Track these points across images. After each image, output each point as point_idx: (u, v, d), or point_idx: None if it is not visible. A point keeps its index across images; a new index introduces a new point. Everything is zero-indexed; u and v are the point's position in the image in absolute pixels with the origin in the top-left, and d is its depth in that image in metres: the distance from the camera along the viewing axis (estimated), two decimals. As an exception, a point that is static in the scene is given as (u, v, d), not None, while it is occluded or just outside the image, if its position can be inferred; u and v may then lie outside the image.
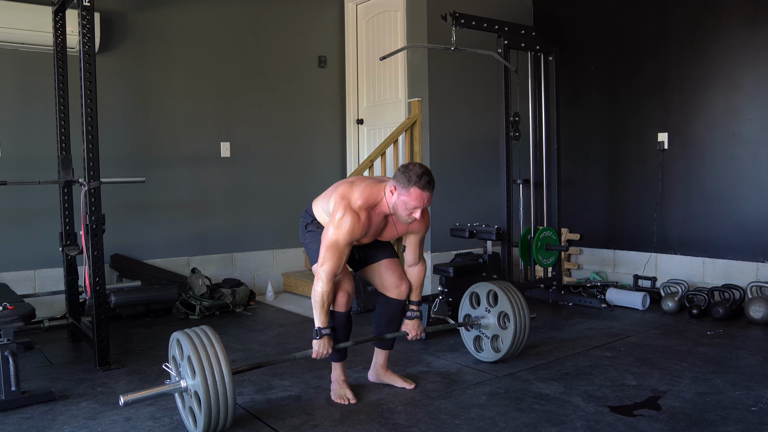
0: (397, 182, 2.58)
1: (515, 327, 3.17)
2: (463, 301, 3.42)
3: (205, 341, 2.40)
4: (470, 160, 5.29)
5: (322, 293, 2.64)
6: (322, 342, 2.68)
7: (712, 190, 4.70)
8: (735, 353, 3.45)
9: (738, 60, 4.53)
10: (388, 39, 5.46)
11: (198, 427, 2.42)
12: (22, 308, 2.84)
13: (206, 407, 2.33)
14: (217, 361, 2.36)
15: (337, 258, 2.61)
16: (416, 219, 2.62)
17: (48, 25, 4.02)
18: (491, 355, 3.31)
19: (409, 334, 2.96)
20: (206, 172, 5.15)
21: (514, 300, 3.20)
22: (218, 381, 2.34)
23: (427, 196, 2.57)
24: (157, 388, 2.48)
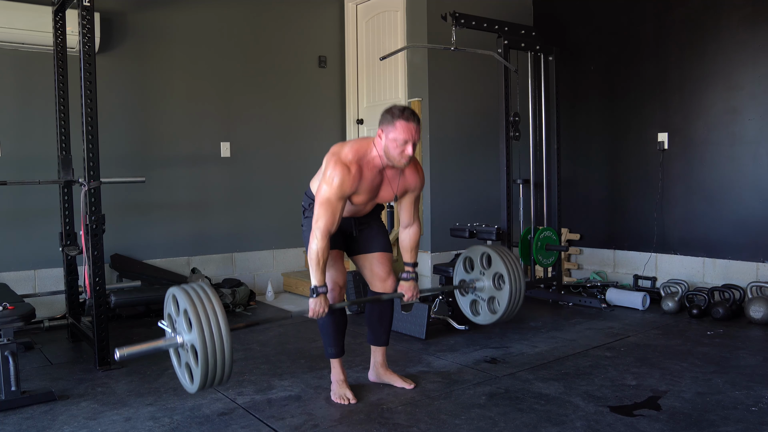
0: (382, 124, 2.60)
1: (511, 287, 3.14)
2: (456, 266, 3.39)
3: (201, 295, 2.35)
4: (470, 160, 5.29)
5: (317, 250, 2.59)
6: (318, 300, 2.63)
7: (712, 190, 4.70)
8: (735, 353, 3.45)
9: (738, 60, 4.53)
10: (388, 39, 5.46)
11: (195, 383, 2.35)
12: (22, 308, 2.84)
13: (203, 360, 2.27)
14: (214, 314, 2.30)
15: (331, 214, 2.59)
16: (410, 156, 2.60)
17: (48, 25, 4.02)
18: (488, 318, 3.28)
19: (405, 295, 2.93)
20: (206, 172, 5.16)
21: (508, 260, 3.17)
22: (215, 333, 2.28)
23: (414, 127, 2.58)
24: (153, 342, 2.42)
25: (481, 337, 3.85)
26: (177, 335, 2.41)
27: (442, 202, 5.09)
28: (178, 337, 2.41)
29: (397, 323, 3.95)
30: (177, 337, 2.41)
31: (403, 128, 2.56)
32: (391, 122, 2.57)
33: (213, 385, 2.36)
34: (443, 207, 5.09)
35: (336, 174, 2.57)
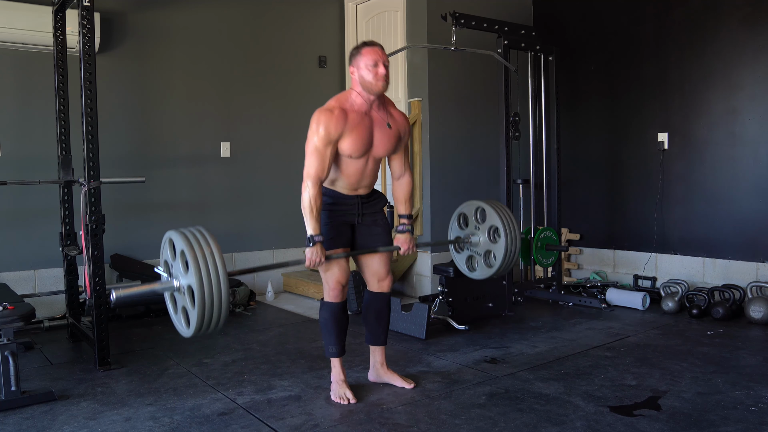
0: (352, 62, 2.71)
1: (506, 238, 3.10)
2: (451, 224, 3.36)
3: (199, 238, 2.32)
4: (470, 160, 5.29)
5: (309, 198, 2.61)
6: (314, 249, 2.63)
7: (712, 190, 4.70)
8: (735, 353, 3.45)
9: (738, 60, 4.53)
10: (388, 39, 5.46)
11: (191, 326, 2.31)
12: (22, 308, 2.84)
13: (200, 300, 2.23)
14: (210, 254, 2.27)
15: (320, 161, 2.62)
16: (384, 75, 2.65)
17: (48, 25, 4.02)
18: (485, 272, 3.25)
19: (401, 248, 2.93)
20: (206, 172, 5.16)
21: (502, 213, 3.15)
22: (212, 273, 2.24)
23: (379, 50, 2.69)
24: (150, 284, 2.39)
25: (481, 337, 3.85)
26: (174, 279, 2.37)
27: (442, 201, 5.09)
28: (175, 281, 2.36)
29: (397, 323, 3.95)
30: (173, 281, 2.37)
31: (370, 51, 2.67)
32: (358, 52, 2.69)
33: (209, 329, 2.31)
34: (443, 207, 5.09)
35: (320, 120, 2.64)
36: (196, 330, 2.29)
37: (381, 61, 2.66)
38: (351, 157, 2.71)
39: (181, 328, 2.40)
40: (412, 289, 5.18)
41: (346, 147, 2.68)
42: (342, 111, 2.66)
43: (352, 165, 2.75)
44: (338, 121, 2.63)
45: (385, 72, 2.66)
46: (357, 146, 2.69)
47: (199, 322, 2.27)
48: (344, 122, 2.65)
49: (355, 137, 2.68)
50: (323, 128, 2.62)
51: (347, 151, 2.69)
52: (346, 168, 2.74)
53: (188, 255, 2.26)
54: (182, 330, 2.39)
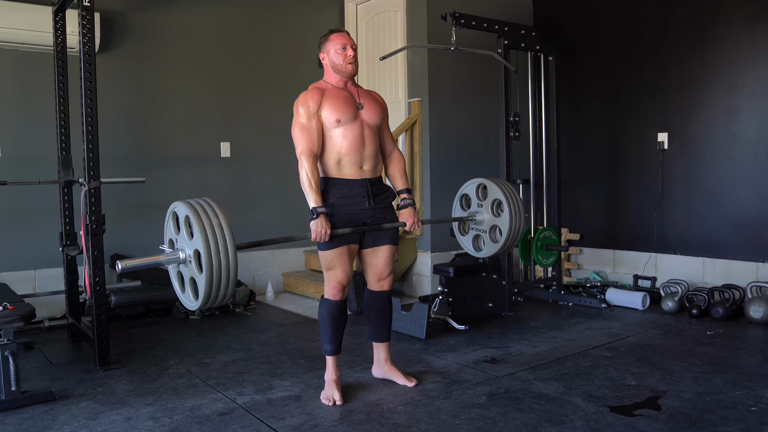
0: (320, 48, 2.85)
1: (510, 210, 3.11)
2: (454, 207, 3.36)
3: (203, 204, 2.31)
4: (470, 160, 5.29)
5: (306, 173, 2.68)
6: (319, 221, 2.65)
7: (712, 190, 4.70)
8: (735, 353, 3.45)
9: (738, 60, 4.53)
10: (388, 39, 5.46)
11: (200, 294, 2.26)
12: (22, 308, 2.84)
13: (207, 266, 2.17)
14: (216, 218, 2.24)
15: (307, 134, 2.72)
16: (353, 57, 2.77)
17: (48, 25, 4.02)
18: (492, 248, 3.25)
19: (407, 222, 2.95)
20: (206, 172, 5.16)
21: (504, 186, 3.14)
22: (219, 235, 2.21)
23: (346, 34, 2.82)
24: (155, 256, 2.37)
25: (481, 337, 3.85)
26: (179, 251, 2.35)
27: (442, 201, 5.08)
28: (180, 253, 2.34)
29: (397, 323, 3.95)
30: (179, 252, 2.35)
31: (338, 36, 2.80)
32: (326, 39, 2.82)
33: (218, 298, 2.26)
34: (443, 207, 5.09)
35: (297, 103, 2.76)
36: (204, 298, 2.23)
37: (349, 44, 2.79)
38: (341, 123, 2.75)
39: (189, 300, 2.36)
40: (412, 289, 5.18)
41: (330, 113, 2.75)
42: (317, 89, 2.80)
43: (350, 133, 2.76)
44: (314, 95, 2.76)
45: (353, 54, 2.78)
46: (341, 108, 2.76)
47: (207, 289, 2.21)
48: (320, 95, 2.77)
49: (335, 102, 2.78)
50: (302, 106, 2.74)
51: (334, 114, 2.75)
52: (345, 137, 2.75)
53: (193, 220, 2.22)
54: (190, 302, 2.35)
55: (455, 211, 3.36)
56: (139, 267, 2.35)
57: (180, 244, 2.36)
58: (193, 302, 2.35)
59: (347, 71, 2.80)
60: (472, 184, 3.27)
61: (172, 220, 2.40)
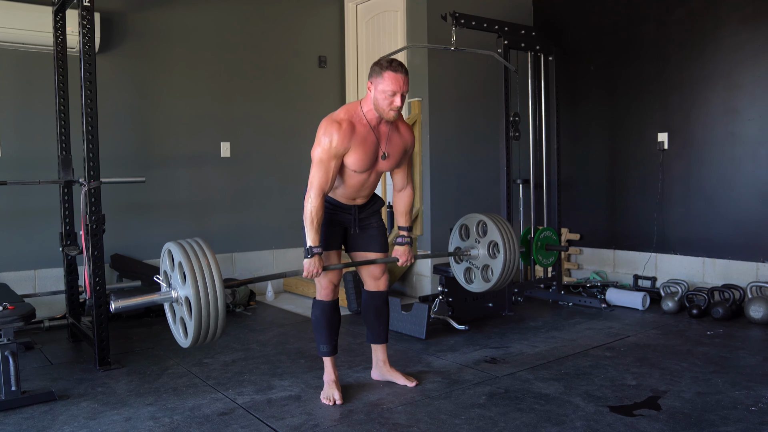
0: (371, 77, 2.63)
1: (505, 256, 3.12)
2: (453, 233, 3.38)
3: (197, 250, 2.34)
4: (470, 160, 5.29)
5: (311, 209, 2.62)
6: (313, 261, 2.64)
7: (712, 190, 4.70)
8: (735, 353, 3.45)
9: (738, 60, 4.53)
10: (388, 39, 5.46)
11: (189, 336, 2.35)
12: (22, 308, 2.84)
13: (197, 313, 2.27)
14: (208, 267, 2.30)
15: (324, 173, 2.63)
16: (398, 107, 2.61)
17: (48, 25, 4.02)
18: (482, 285, 3.28)
19: (400, 260, 2.95)
20: (206, 172, 5.15)
21: (504, 229, 3.16)
22: (209, 287, 2.27)
23: (402, 78, 2.59)
24: (148, 295, 2.41)
25: (481, 337, 3.85)
26: (172, 290, 2.40)
27: (442, 201, 5.09)
28: (173, 292, 2.39)
29: (397, 323, 3.95)
30: (172, 291, 2.40)
31: (392, 79, 2.58)
32: (379, 74, 2.60)
33: (206, 340, 2.34)
34: (443, 207, 5.09)
35: (327, 133, 2.62)
36: (193, 341, 2.33)
37: (400, 92, 2.59)
38: (355, 171, 2.73)
39: (180, 337, 2.44)
40: (412, 289, 5.18)
41: (351, 162, 2.69)
42: (350, 125, 2.64)
43: (355, 177, 2.76)
44: (345, 136, 2.62)
45: (400, 104, 2.61)
46: (362, 162, 2.70)
47: (196, 333, 2.31)
48: (351, 137, 2.64)
49: (361, 153, 2.68)
50: (330, 141, 2.61)
51: (352, 166, 2.70)
52: (349, 179, 2.76)
53: (185, 267, 2.29)
54: (180, 340, 2.44)
55: (453, 238, 3.39)
56: (133, 307, 2.41)
57: (173, 281, 2.42)
58: (183, 340, 2.43)
59: (388, 117, 2.66)
60: (473, 218, 3.29)
61: (167, 256, 2.46)
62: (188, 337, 2.36)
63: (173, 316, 2.48)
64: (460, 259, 3.34)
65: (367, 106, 2.68)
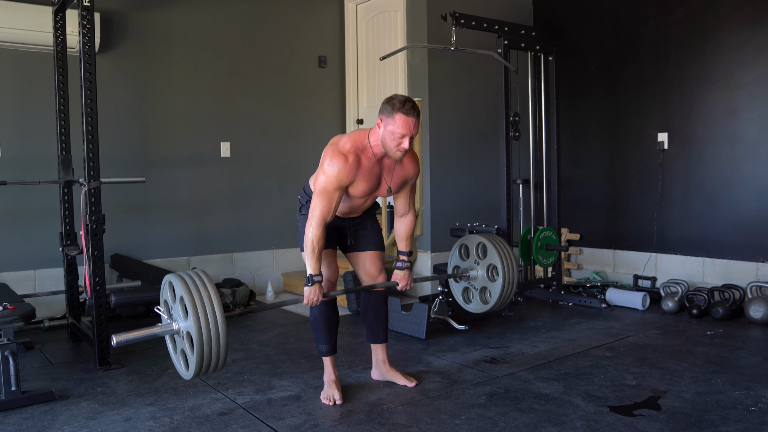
0: (382, 114, 2.60)
1: (504, 280, 3.15)
2: (452, 252, 3.40)
3: (198, 283, 2.36)
4: (470, 160, 5.29)
5: (312, 239, 2.61)
6: (313, 289, 2.65)
7: (712, 190, 4.70)
8: (735, 353, 3.45)
9: (738, 60, 4.53)
10: (388, 39, 5.46)
11: (190, 369, 2.37)
12: (22, 308, 2.84)
13: (198, 347, 2.29)
14: (209, 301, 2.32)
15: (327, 203, 2.61)
16: (406, 150, 2.61)
17: (48, 25, 4.02)
18: (479, 307, 3.31)
19: (399, 284, 2.96)
20: (206, 172, 5.15)
21: (503, 253, 3.18)
22: (211, 321, 2.29)
23: (413, 122, 2.57)
24: (149, 329, 2.42)
25: (481, 337, 3.85)
26: (173, 322, 2.41)
27: (442, 201, 5.09)
28: (174, 324, 2.40)
29: (397, 323, 3.95)
30: (173, 323, 2.41)
31: (402, 122, 2.56)
32: (390, 114, 2.57)
33: (208, 372, 2.37)
34: (443, 207, 5.09)
35: (334, 164, 2.59)
36: (195, 374, 2.36)
37: (409, 135, 2.58)
38: (355, 197, 2.75)
39: (181, 369, 2.46)
40: (412, 289, 5.18)
41: (354, 191, 2.70)
42: (356, 158, 2.63)
43: (355, 201, 2.79)
44: (351, 170, 2.61)
45: (408, 147, 2.60)
46: (364, 191, 2.73)
47: (198, 367, 2.33)
48: (356, 170, 2.64)
49: (364, 184, 2.69)
50: (337, 173, 2.58)
51: (353, 193, 2.72)
52: (347, 201, 2.78)
53: (187, 301, 2.31)
54: (182, 372, 2.46)
55: (453, 257, 3.41)
56: (135, 340, 2.42)
57: (174, 313, 2.43)
58: (184, 372, 2.45)
59: (394, 157, 2.66)
60: (473, 239, 3.30)
61: (168, 287, 2.47)
62: (190, 370, 2.38)
63: (174, 347, 2.51)
64: (458, 278, 3.37)
65: (374, 140, 2.66)
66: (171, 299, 2.45)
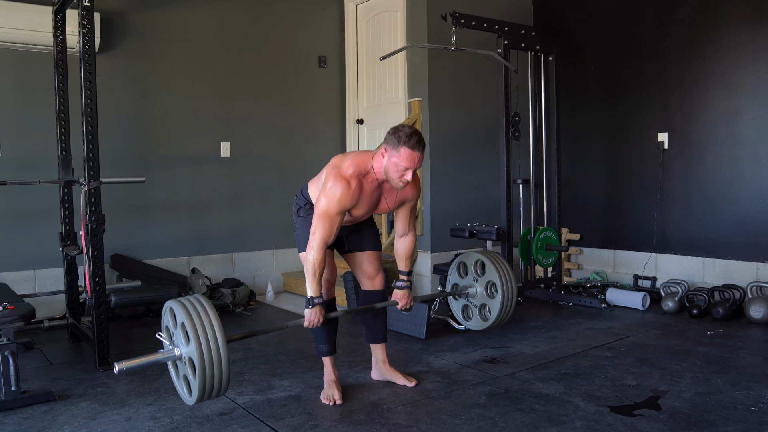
0: (387, 144, 2.59)
1: (503, 296, 3.17)
2: (451, 270, 3.41)
3: (198, 309, 2.38)
4: (470, 160, 5.29)
5: (314, 262, 2.62)
6: (314, 311, 2.66)
7: (712, 190, 4.70)
8: (735, 353, 3.45)
9: (738, 60, 4.53)
10: (388, 39, 5.46)
11: (193, 395, 2.39)
12: (22, 308, 2.84)
13: (201, 373, 2.30)
14: (211, 327, 2.33)
15: (328, 227, 2.61)
16: (408, 182, 2.61)
17: (48, 25, 4.02)
18: (479, 324, 3.32)
19: (399, 303, 2.97)
20: (206, 172, 5.16)
21: (502, 270, 3.19)
22: (212, 347, 2.31)
23: (418, 156, 2.56)
24: (151, 356, 2.44)
25: (481, 337, 3.85)
26: (175, 348, 2.44)
27: (442, 202, 5.09)
28: (176, 350, 2.43)
29: (396, 323, 3.95)
30: (175, 349, 2.44)
31: (407, 156, 2.55)
32: (396, 147, 2.56)
33: (211, 398, 2.40)
34: (443, 207, 5.09)
35: (336, 189, 2.59)
36: (197, 400, 2.38)
37: (413, 168, 2.58)
38: (355, 215, 2.78)
39: (184, 395, 2.48)
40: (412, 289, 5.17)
41: (355, 211, 2.74)
42: (358, 184, 2.64)
43: (354, 217, 2.81)
44: (353, 196, 2.63)
45: (410, 179, 2.60)
46: (364, 212, 2.77)
47: (200, 392, 2.35)
48: (359, 195, 2.66)
49: (365, 206, 2.73)
50: (339, 198, 2.59)
51: (354, 213, 2.75)
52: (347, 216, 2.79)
53: (188, 327, 2.33)
54: (185, 397, 2.47)
55: (451, 275, 3.42)
56: (137, 367, 2.43)
57: (176, 339, 2.45)
58: (187, 398, 2.47)
59: (395, 186, 2.67)
60: (471, 257, 3.31)
61: (169, 314, 2.49)
62: (193, 395, 2.40)
63: (176, 373, 2.52)
64: (458, 296, 3.38)
65: (377, 165, 2.66)
66: (172, 325, 2.47)
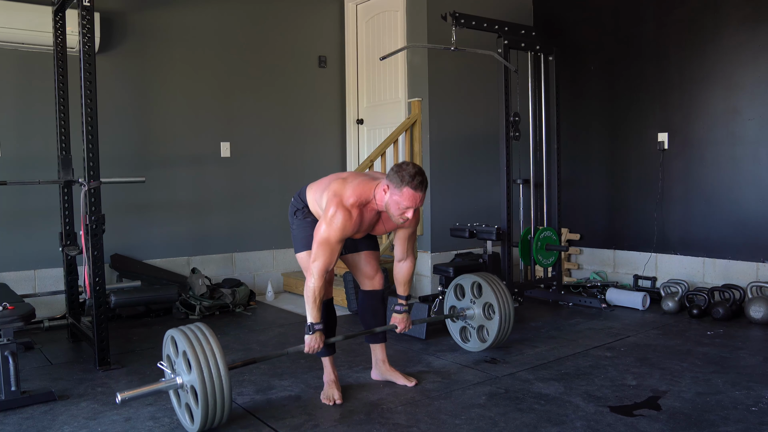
0: (390, 181, 2.59)
1: (500, 317, 3.18)
2: (448, 293, 3.43)
3: (200, 336, 2.40)
4: (470, 160, 5.29)
5: (314, 289, 2.63)
6: (314, 337, 2.68)
7: (712, 190, 4.70)
8: (735, 353, 3.45)
9: (738, 60, 4.53)
10: (388, 39, 5.46)
11: (195, 423, 2.41)
12: (22, 308, 2.84)
13: (203, 402, 2.32)
14: (212, 355, 2.35)
15: (329, 254, 2.62)
16: (408, 219, 2.61)
17: (48, 25, 4.02)
18: (477, 345, 3.34)
19: (398, 327, 3.00)
20: (206, 172, 5.15)
21: (498, 291, 3.21)
22: (215, 375, 2.33)
23: (420, 197, 2.57)
24: (153, 385, 2.47)
25: (481, 337, 3.85)
26: (176, 376, 2.46)
27: (442, 202, 5.09)
28: (178, 378, 2.45)
29: (397, 323, 3.94)
30: (177, 378, 2.45)
31: (410, 197, 2.55)
32: (399, 186, 2.55)
33: (213, 425, 2.41)
34: (443, 207, 5.09)
35: (338, 219, 2.59)
36: (200, 427, 2.39)
37: (414, 207, 2.58)
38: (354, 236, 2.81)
39: (186, 423, 2.49)
40: (412, 289, 5.16)
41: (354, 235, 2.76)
42: (359, 213, 2.66)
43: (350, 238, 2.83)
44: (355, 225, 2.65)
45: (410, 217, 2.61)
46: (361, 235, 2.81)
47: (203, 420, 2.37)
48: (359, 223, 2.68)
49: (363, 230, 2.76)
50: (340, 227, 2.59)
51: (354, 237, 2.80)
52: None
53: (190, 356, 2.35)
54: (187, 425, 2.49)
55: (448, 297, 3.43)
56: (139, 396, 2.45)
57: (177, 367, 2.46)
58: (189, 426, 2.48)
59: (396, 222, 2.67)
60: (468, 279, 3.32)
61: (171, 343, 2.51)
62: (195, 424, 2.42)
63: (178, 402, 2.53)
64: (455, 318, 3.39)
65: (379, 197, 2.65)
66: (174, 353, 2.48)
